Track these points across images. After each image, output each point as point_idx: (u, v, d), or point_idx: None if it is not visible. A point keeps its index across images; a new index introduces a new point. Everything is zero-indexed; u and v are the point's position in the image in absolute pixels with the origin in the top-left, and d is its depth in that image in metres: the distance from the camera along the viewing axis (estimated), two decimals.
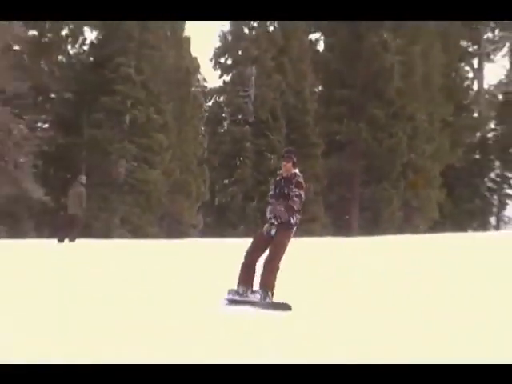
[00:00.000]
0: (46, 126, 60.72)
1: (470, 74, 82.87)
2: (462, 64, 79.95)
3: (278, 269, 14.94)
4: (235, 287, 15.30)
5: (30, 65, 57.12)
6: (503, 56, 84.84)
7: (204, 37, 74.03)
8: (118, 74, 58.10)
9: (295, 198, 14.73)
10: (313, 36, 73.60)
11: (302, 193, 14.97)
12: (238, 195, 60.07)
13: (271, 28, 69.74)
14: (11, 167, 50.90)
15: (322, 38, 73.75)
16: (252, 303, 14.88)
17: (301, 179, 15.11)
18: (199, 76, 68.74)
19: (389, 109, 64.98)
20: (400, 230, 49.75)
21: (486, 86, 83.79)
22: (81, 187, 35.31)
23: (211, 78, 71.51)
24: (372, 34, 66.61)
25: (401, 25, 68.34)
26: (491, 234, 55.43)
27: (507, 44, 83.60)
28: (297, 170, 15.19)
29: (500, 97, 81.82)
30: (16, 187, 50.50)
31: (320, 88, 70.21)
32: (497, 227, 69.45)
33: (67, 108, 60.41)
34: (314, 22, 73.70)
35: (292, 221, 14.80)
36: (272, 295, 14.82)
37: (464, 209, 69.92)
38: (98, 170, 57.91)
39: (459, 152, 71.18)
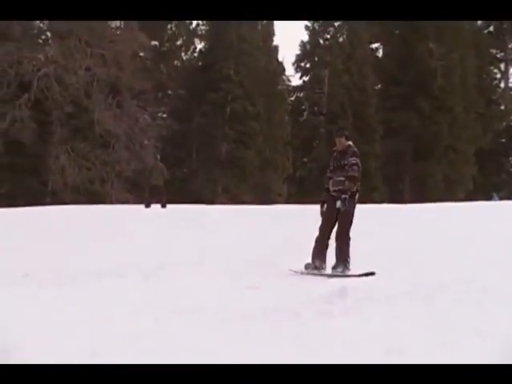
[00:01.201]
0: (165, 115, 62.05)
1: (498, 75, 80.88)
2: (492, 67, 78.77)
3: (349, 238, 14.10)
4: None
5: (152, 68, 58.71)
6: None
7: (288, 45, 74.53)
8: (221, 75, 59.26)
9: (354, 167, 14.10)
10: (373, 45, 73.46)
11: (359, 160, 14.34)
12: (314, 170, 59.44)
13: (341, 39, 69.54)
14: (138, 147, 51.95)
15: (381, 46, 73.50)
16: (330, 276, 13.84)
17: (355, 149, 14.60)
18: (284, 77, 69.12)
19: (433, 102, 64.49)
20: (442, 198, 49.85)
21: (510, 85, 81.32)
22: (159, 162, 36.26)
23: (293, 78, 71.50)
24: (420, 44, 65.96)
25: (442, 36, 67.65)
26: None
27: None
28: (350, 142, 14.63)
29: None
30: (141, 163, 51.43)
31: (379, 86, 69.80)
32: None
33: (181, 102, 62.29)
34: (374, 34, 72.60)
35: (353, 189, 14.04)
36: (348, 264, 13.90)
37: (492, 181, 69.24)
38: (204, 150, 59.63)
39: (489, 137, 70.58)
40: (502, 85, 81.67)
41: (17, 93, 50.43)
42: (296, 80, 71.89)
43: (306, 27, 70.55)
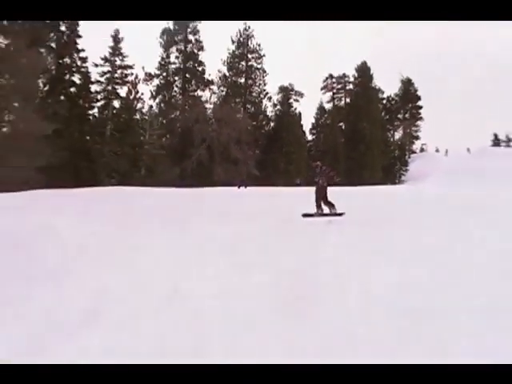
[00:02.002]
0: (258, 152, 60.31)
1: (389, 135, 79.77)
2: (387, 133, 77.64)
3: (327, 200, 13.30)
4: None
5: (253, 132, 58.01)
6: (399, 128, 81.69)
7: (307, 124, 75.17)
8: (281, 136, 59.64)
9: (328, 171, 13.56)
10: (340, 124, 71.63)
11: (326, 168, 13.63)
12: None
13: (328, 121, 69.21)
14: (246, 165, 53.53)
15: (344, 124, 71.57)
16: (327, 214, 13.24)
17: (320, 165, 13.93)
18: (305, 136, 68.19)
19: (365, 147, 65.29)
20: (367, 184, 50.97)
21: (396, 139, 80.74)
22: (245, 169, 40.62)
23: (309, 137, 70.03)
24: (359, 122, 66.65)
25: (368, 119, 67.62)
26: (396, 186, 55.01)
27: (402, 126, 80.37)
28: (318, 163, 14.04)
29: (399, 142, 79.44)
30: (247, 171, 52.93)
31: (343, 140, 68.59)
32: (397, 183, 66.26)
33: (264, 147, 61.00)
34: (342, 119, 72.04)
35: (320, 181, 13.31)
36: (334, 208, 13.26)
37: (387, 178, 67.46)
38: (273, 166, 58.70)
39: (386, 161, 70.50)
40: (392, 139, 79.94)
41: (201, 143, 52.52)
42: (310, 137, 71.15)
43: (314, 117, 70.49)
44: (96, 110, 50.39)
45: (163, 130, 54.85)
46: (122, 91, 52.68)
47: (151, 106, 56.31)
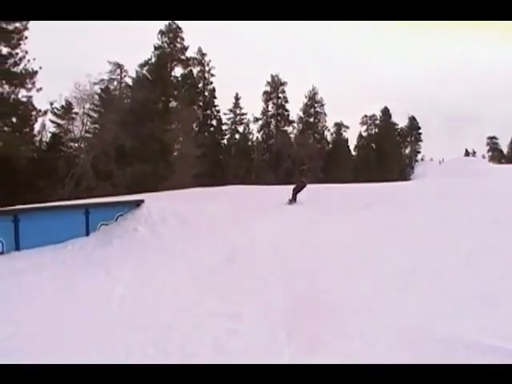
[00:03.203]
0: (322, 162, 52.17)
1: (403, 151, 69.09)
2: (401, 149, 68.48)
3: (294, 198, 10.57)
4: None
5: (318, 151, 51.12)
6: (408, 146, 71.85)
7: (351, 145, 70.43)
8: (335, 152, 54.16)
9: (302, 178, 11.04)
10: (372, 144, 63.21)
11: (302, 178, 10.99)
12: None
13: (364, 143, 61.42)
14: (315, 170, 49.33)
15: (374, 145, 63.07)
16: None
17: (306, 168, 12.34)
18: (350, 153, 61.04)
19: (387, 158, 57.82)
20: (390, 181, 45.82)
21: (406, 153, 71.58)
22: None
23: (353, 153, 62.02)
24: (384, 144, 58.30)
25: (389, 141, 59.77)
26: (407, 182, 50.47)
27: (409, 145, 70.67)
28: (305, 167, 12.42)
29: (408, 155, 71.04)
30: (315, 174, 48.96)
31: (374, 154, 60.37)
32: (407, 180, 60.66)
33: (324, 159, 52.44)
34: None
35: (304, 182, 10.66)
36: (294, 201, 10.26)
37: (401, 177, 55.94)
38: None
39: (401, 166, 62.82)
40: (404, 153, 70.01)
41: (287, 158, 48.07)
42: (353, 153, 61.95)
43: (356, 141, 62.32)
44: (225, 141, 49.40)
45: (264, 151, 51.71)
46: (240, 128, 51.72)
47: (258, 137, 53.28)
